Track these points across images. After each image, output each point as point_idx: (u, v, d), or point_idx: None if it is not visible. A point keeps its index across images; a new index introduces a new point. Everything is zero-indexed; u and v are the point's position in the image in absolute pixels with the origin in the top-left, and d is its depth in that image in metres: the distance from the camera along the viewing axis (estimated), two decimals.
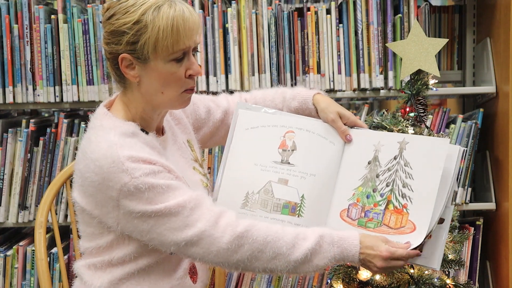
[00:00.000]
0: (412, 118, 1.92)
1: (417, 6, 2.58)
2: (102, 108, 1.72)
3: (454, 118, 2.66)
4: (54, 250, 2.59)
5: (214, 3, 2.60)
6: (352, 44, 2.60)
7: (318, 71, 2.60)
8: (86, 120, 1.79)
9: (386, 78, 2.61)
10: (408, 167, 1.71)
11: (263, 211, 1.75)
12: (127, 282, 1.68)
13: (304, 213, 1.75)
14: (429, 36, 2.49)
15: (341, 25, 2.61)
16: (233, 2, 2.59)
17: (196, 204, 1.62)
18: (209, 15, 2.60)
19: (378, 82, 2.60)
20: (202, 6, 2.61)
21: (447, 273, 2.02)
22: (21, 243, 2.61)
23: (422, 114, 1.93)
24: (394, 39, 2.60)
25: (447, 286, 1.98)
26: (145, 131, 1.70)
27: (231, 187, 1.78)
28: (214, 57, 2.60)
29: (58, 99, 2.58)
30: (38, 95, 2.57)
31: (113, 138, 1.60)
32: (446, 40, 1.89)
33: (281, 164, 1.78)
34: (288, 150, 1.79)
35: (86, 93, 2.58)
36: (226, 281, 2.60)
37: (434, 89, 1.97)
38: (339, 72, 2.60)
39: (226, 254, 1.61)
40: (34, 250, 2.57)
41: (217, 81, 2.60)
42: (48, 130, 2.59)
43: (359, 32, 2.60)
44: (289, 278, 2.60)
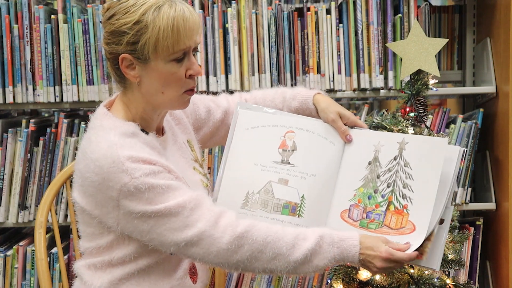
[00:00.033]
0: (412, 118, 1.92)
1: (417, 6, 2.58)
2: (102, 108, 1.71)
3: (454, 118, 2.65)
4: (54, 250, 2.59)
5: (214, 3, 2.60)
6: (352, 44, 2.60)
7: (318, 71, 2.60)
8: (86, 120, 1.79)
9: (386, 78, 2.61)
10: (408, 168, 1.71)
11: (263, 211, 1.75)
12: (127, 282, 1.68)
13: (304, 213, 1.75)
14: (429, 36, 2.49)
15: (341, 25, 2.61)
16: (233, 2, 2.59)
17: (196, 204, 1.61)
18: (209, 15, 2.60)
19: (378, 82, 2.60)
20: (202, 6, 2.61)
21: (447, 273, 2.02)
22: (21, 243, 2.61)
23: (422, 114, 1.93)
24: (394, 39, 2.59)
25: (447, 286, 1.97)
26: (145, 131, 1.70)
27: (231, 187, 1.78)
28: (214, 57, 2.60)
29: (58, 99, 2.58)
30: (38, 95, 2.57)
31: (113, 138, 1.60)
32: (446, 40, 1.89)
33: (281, 164, 1.78)
34: (288, 150, 1.79)
35: (86, 93, 2.58)
36: (226, 281, 2.60)
37: (434, 89, 1.97)
38: (339, 72, 2.60)
39: (226, 254, 1.60)
40: (34, 250, 2.57)
41: (217, 81, 2.60)
42: (48, 130, 2.59)
43: (359, 32, 2.59)
44: (289, 278, 2.60)
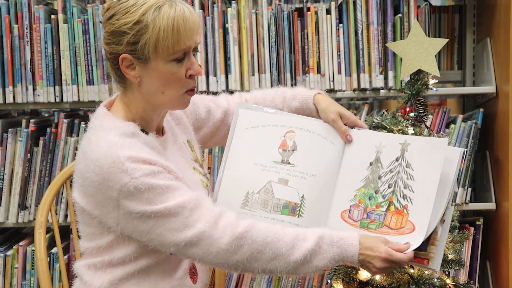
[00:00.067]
0: (412, 118, 1.92)
1: (417, 6, 2.58)
2: (102, 108, 1.71)
3: (454, 118, 2.65)
4: (54, 250, 2.59)
5: (214, 3, 2.60)
6: (352, 44, 2.60)
7: (318, 71, 2.60)
8: (86, 120, 1.78)
9: (386, 78, 2.61)
10: (409, 168, 1.71)
11: (263, 211, 1.75)
12: (127, 282, 1.68)
13: (304, 213, 1.75)
14: (429, 36, 2.49)
15: (341, 25, 2.60)
16: (233, 2, 2.59)
17: (196, 204, 1.61)
18: (209, 15, 2.60)
19: (378, 82, 2.60)
20: (202, 6, 2.61)
21: (447, 273, 2.02)
22: (21, 243, 2.61)
23: (422, 114, 1.93)
24: (394, 39, 2.59)
25: (447, 286, 1.97)
26: (145, 131, 1.70)
27: (231, 187, 1.78)
28: (214, 57, 2.60)
29: (58, 99, 2.58)
30: (38, 95, 2.56)
31: (113, 138, 1.60)
32: (446, 40, 1.89)
33: (281, 164, 1.78)
34: (288, 150, 1.79)
35: (86, 93, 2.57)
36: (226, 281, 2.60)
37: (434, 89, 1.97)
38: (339, 72, 2.60)
39: (226, 254, 1.60)
40: (34, 250, 2.57)
41: (217, 81, 2.60)
42: (48, 130, 2.59)
43: (359, 32, 2.59)
44: (289, 278, 2.60)
